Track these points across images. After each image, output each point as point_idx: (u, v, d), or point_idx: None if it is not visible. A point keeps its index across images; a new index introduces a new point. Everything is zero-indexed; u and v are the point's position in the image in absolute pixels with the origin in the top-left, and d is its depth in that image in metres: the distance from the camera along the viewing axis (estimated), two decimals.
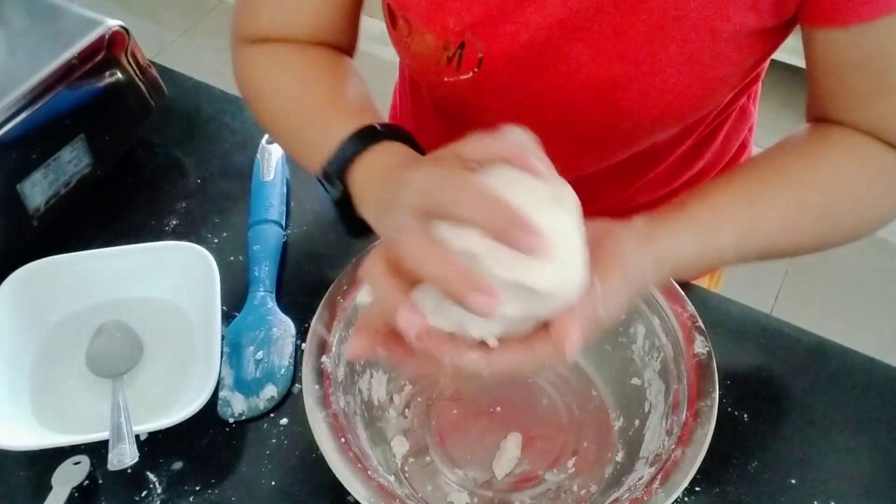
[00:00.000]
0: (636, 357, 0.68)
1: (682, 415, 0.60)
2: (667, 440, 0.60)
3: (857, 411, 0.70)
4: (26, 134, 0.75)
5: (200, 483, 0.65)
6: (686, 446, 0.58)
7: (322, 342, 0.63)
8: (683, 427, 0.59)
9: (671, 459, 0.57)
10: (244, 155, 0.90)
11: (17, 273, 0.72)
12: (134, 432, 0.63)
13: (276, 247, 0.80)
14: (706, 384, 0.61)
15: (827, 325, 0.91)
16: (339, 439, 0.58)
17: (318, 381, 0.61)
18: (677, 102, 0.63)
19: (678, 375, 0.63)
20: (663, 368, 0.65)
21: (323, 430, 0.59)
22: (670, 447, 0.59)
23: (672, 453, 0.58)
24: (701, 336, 0.64)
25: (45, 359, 0.72)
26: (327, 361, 0.63)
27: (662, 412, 0.63)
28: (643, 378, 0.67)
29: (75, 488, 0.63)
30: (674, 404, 0.62)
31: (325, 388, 0.61)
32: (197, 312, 0.74)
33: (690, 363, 0.63)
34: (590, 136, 0.70)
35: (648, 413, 0.65)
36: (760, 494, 0.65)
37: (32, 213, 0.79)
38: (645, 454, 0.62)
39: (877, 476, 0.66)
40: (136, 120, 0.89)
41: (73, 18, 0.82)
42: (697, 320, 0.65)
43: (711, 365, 0.63)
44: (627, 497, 0.57)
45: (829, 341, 0.75)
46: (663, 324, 0.66)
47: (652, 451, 0.61)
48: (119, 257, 0.75)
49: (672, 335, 0.65)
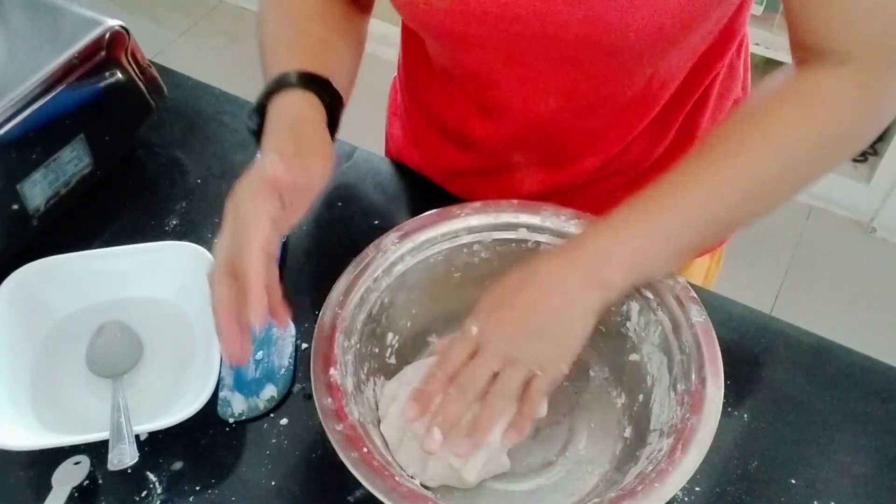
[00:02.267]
0: (632, 334, 0.68)
1: (691, 383, 0.61)
2: (678, 410, 0.60)
3: (857, 411, 0.70)
4: (26, 134, 0.75)
5: (200, 483, 0.65)
6: (700, 413, 0.59)
7: (327, 355, 0.62)
8: (694, 395, 0.60)
9: (688, 427, 0.58)
10: (244, 155, 0.90)
11: (17, 273, 0.72)
12: (134, 432, 0.63)
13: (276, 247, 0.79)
14: (710, 350, 0.62)
15: (827, 325, 0.91)
16: (361, 450, 0.57)
17: (330, 394, 0.60)
18: (658, 15, 0.61)
19: (679, 346, 0.63)
20: (663, 341, 0.65)
21: (342, 444, 0.57)
22: (684, 415, 0.59)
23: (688, 422, 0.58)
24: (696, 305, 0.64)
25: (45, 359, 0.72)
26: (335, 374, 0.61)
27: (668, 383, 0.63)
28: (641, 353, 0.67)
29: (75, 488, 0.63)
30: (679, 374, 0.62)
31: (337, 401, 0.60)
32: (197, 312, 0.74)
33: (690, 333, 0.63)
34: (576, 60, 0.68)
35: (652, 387, 0.66)
36: (760, 494, 0.65)
37: (32, 213, 0.79)
38: (657, 426, 0.63)
39: (877, 476, 0.66)
40: (136, 120, 0.89)
41: (73, 18, 0.82)
42: (691, 291, 0.65)
43: (711, 331, 0.63)
44: (652, 469, 0.57)
45: (829, 341, 0.75)
46: (658, 297, 0.66)
47: (664, 422, 0.62)
48: (119, 257, 0.75)
49: (667, 308, 0.65)
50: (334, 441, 0.57)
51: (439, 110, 0.83)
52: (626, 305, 0.68)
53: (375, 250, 0.68)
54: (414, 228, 0.70)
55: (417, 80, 0.85)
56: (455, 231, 0.70)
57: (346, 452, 0.57)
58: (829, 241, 2.02)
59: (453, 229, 0.70)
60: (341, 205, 0.85)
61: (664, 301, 0.65)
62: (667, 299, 0.65)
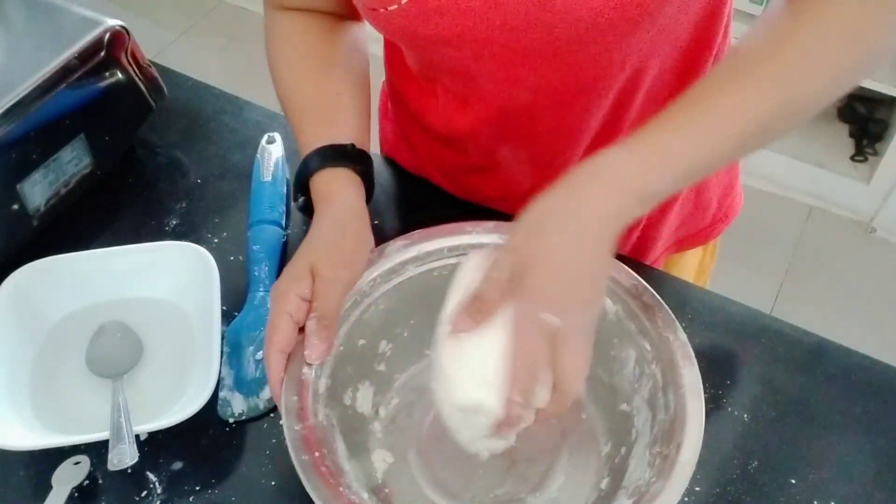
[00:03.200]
0: (626, 382, 0.65)
1: (668, 447, 0.58)
2: (648, 472, 0.58)
3: (857, 411, 0.70)
4: (26, 134, 0.75)
5: (200, 483, 0.65)
6: (666, 480, 0.55)
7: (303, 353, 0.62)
8: (665, 460, 0.57)
9: (649, 493, 0.55)
10: (244, 155, 0.90)
11: (17, 273, 0.72)
12: (134, 432, 0.63)
13: (276, 247, 0.80)
14: (693, 417, 0.58)
15: (827, 325, 0.91)
16: (313, 453, 0.57)
17: (297, 392, 0.60)
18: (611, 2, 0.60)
19: (665, 405, 0.61)
20: (651, 397, 0.63)
21: (296, 444, 0.57)
22: (650, 480, 0.56)
23: (651, 486, 0.56)
24: (690, 365, 0.61)
25: (45, 359, 0.72)
26: (308, 373, 0.61)
27: (647, 442, 0.61)
28: (632, 405, 0.65)
29: (75, 488, 0.63)
30: (659, 435, 0.60)
31: (302, 400, 0.60)
32: (197, 312, 0.74)
33: (677, 394, 0.60)
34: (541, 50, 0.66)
35: (635, 441, 0.63)
36: (760, 494, 0.65)
37: (32, 213, 0.79)
38: (627, 484, 0.60)
39: (877, 476, 0.66)
40: (136, 120, 0.89)
41: (73, 18, 0.82)
42: (688, 348, 0.62)
43: (699, 396, 0.59)
44: None
45: (829, 341, 0.75)
46: (654, 350, 0.63)
47: (633, 481, 0.59)
48: (119, 257, 0.75)
49: (662, 363, 0.62)
50: (289, 440, 0.57)
51: (423, 111, 0.82)
52: (624, 352, 0.65)
53: (378, 255, 0.68)
54: (421, 238, 0.69)
55: (400, 84, 0.85)
56: (462, 247, 0.69)
57: (297, 454, 0.57)
58: (829, 241, 2.02)
59: (461, 244, 0.69)
60: None
61: (660, 355, 0.62)
62: (663, 354, 0.62)
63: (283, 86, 0.78)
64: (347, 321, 0.66)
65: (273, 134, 0.88)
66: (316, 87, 0.77)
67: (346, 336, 0.65)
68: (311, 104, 0.76)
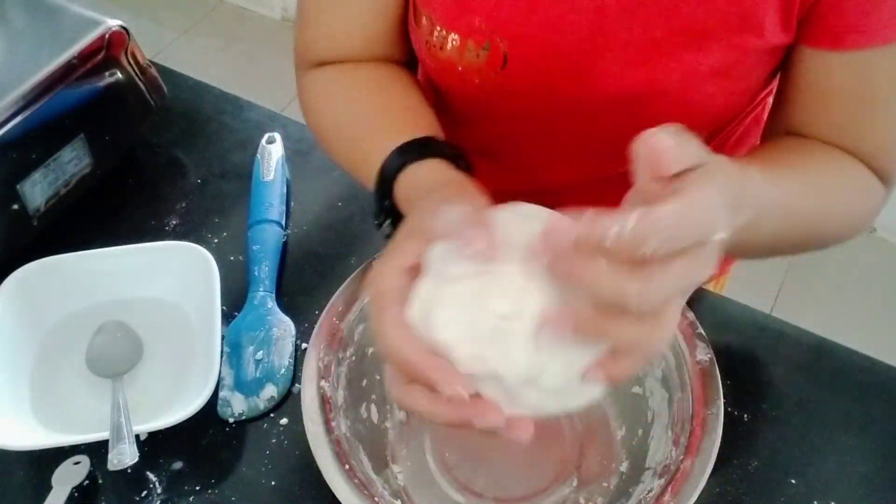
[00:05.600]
0: None
1: (688, 424, 0.59)
2: (674, 450, 0.59)
3: (857, 411, 0.70)
4: (26, 134, 0.75)
5: (200, 483, 0.65)
6: (694, 457, 0.57)
7: (320, 367, 0.62)
8: (691, 436, 0.58)
9: (680, 471, 0.57)
10: (244, 155, 0.90)
11: (17, 273, 0.72)
12: (134, 432, 0.63)
13: (276, 247, 0.80)
14: (710, 392, 0.60)
15: (827, 325, 0.91)
16: (344, 466, 0.57)
17: (321, 407, 0.60)
18: (702, 115, 0.63)
19: (681, 384, 0.62)
20: (665, 377, 0.64)
21: (328, 459, 0.57)
22: (678, 458, 0.58)
23: (681, 464, 0.57)
24: (702, 343, 0.63)
25: (45, 359, 0.72)
26: (326, 386, 0.61)
27: (667, 421, 0.62)
28: (644, 387, 0.66)
29: (75, 488, 0.63)
30: (678, 413, 0.61)
31: (326, 413, 0.59)
32: (197, 312, 0.74)
33: (693, 371, 0.62)
34: (608, 142, 0.66)
35: (652, 422, 0.64)
36: (760, 494, 0.65)
37: (32, 213, 0.79)
38: (651, 464, 0.61)
39: (877, 476, 0.66)
40: (136, 120, 0.89)
41: (73, 18, 0.82)
42: (698, 327, 0.64)
43: (714, 372, 0.62)
44: None
45: (829, 341, 0.75)
46: None
47: (659, 461, 0.60)
48: (119, 257, 0.75)
49: (673, 343, 0.64)
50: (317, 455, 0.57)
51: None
52: None
53: None
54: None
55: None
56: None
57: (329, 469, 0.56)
58: None
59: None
60: (341, 205, 0.85)
61: None
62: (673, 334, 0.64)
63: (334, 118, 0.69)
64: (356, 331, 0.65)
65: (273, 134, 0.88)
66: (375, 104, 0.68)
67: (358, 346, 0.65)
68: (379, 114, 0.67)
